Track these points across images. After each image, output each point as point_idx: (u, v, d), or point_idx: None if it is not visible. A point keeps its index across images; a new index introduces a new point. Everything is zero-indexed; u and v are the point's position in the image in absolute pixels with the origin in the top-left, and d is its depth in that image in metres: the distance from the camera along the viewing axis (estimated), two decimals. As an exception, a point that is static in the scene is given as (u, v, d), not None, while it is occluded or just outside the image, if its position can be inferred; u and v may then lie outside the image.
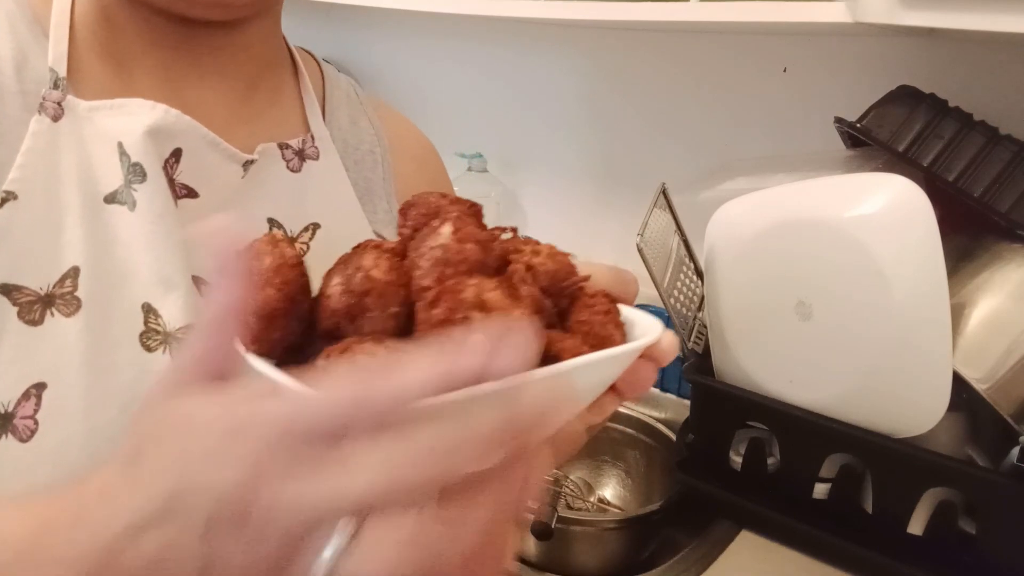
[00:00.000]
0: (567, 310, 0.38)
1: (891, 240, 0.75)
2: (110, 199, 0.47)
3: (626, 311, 0.39)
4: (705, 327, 0.95)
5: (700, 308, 0.98)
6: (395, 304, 0.34)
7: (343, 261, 0.36)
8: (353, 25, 1.61)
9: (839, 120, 0.95)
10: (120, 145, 0.47)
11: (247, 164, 0.52)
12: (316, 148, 0.57)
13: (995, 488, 0.77)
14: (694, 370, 0.95)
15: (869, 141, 0.90)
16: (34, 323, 0.43)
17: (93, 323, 0.44)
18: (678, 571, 0.88)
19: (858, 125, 0.91)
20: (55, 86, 0.47)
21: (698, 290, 0.99)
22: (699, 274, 1.00)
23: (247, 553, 0.26)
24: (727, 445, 0.93)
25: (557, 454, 0.46)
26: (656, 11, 0.98)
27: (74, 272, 0.44)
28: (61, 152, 0.46)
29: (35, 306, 0.43)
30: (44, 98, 0.46)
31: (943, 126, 0.87)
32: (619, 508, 1.13)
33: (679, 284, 0.96)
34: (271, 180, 0.54)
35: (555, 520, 0.91)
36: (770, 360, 0.87)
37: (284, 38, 0.61)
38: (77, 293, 0.44)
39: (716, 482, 0.94)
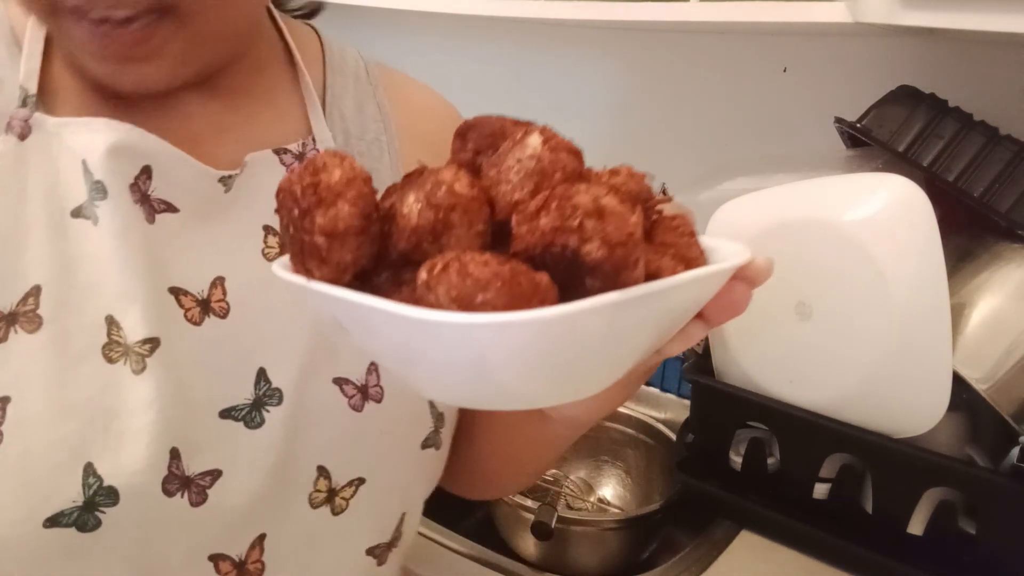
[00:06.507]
0: (649, 231, 0.35)
1: (891, 240, 0.75)
2: (76, 213, 0.47)
3: (703, 238, 0.36)
4: (705, 327, 0.95)
5: (700, 308, 0.98)
6: (480, 221, 0.31)
7: (409, 184, 0.33)
8: (364, 26, 1.60)
9: (839, 120, 0.95)
10: (84, 163, 0.47)
11: (225, 179, 0.51)
12: (317, 151, 0.55)
13: (995, 488, 0.77)
14: (694, 370, 0.95)
15: (869, 141, 0.90)
16: None
17: (56, 338, 0.45)
18: (678, 571, 0.88)
19: (858, 125, 0.91)
20: (23, 104, 0.47)
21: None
22: (699, 274, 1.00)
23: None
24: (727, 445, 0.93)
25: (628, 387, 0.44)
26: (656, 11, 0.98)
27: (36, 291, 0.45)
28: (29, 170, 0.46)
29: None
30: (11, 117, 0.46)
31: (943, 126, 0.87)
32: (619, 508, 1.13)
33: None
34: (267, 187, 0.52)
35: (555, 520, 0.91)
36: (770, 360, 0.87)
37: (281, 29, 0.58)
38: (39, 311, 0.45)
39: (716, 482, 0.94)
